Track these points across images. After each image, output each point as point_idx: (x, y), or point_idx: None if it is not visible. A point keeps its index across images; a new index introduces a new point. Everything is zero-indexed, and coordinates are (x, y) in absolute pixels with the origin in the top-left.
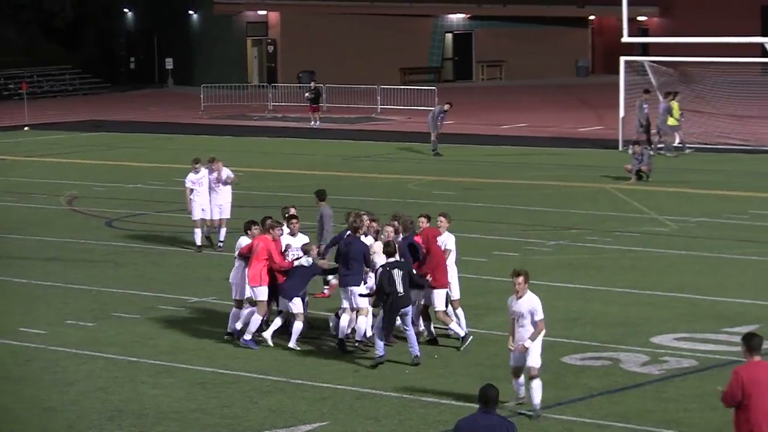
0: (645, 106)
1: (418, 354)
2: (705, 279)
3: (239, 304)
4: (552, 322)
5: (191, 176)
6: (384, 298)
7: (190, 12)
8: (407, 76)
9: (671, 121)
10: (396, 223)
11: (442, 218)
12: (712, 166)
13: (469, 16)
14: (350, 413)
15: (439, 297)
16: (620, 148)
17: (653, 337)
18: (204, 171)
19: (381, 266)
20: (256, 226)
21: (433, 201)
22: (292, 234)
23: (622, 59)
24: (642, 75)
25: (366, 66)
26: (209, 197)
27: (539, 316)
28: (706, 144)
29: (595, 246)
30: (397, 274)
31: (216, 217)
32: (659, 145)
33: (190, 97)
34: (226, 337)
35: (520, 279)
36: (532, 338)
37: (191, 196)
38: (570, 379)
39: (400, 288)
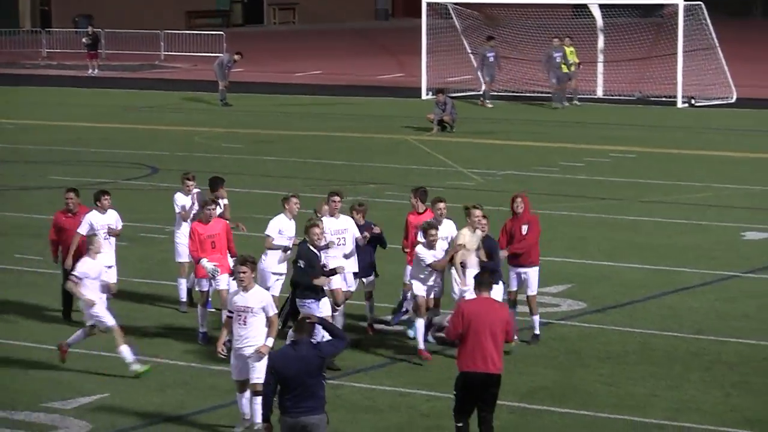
0: (490, 54)
1: None
2: None
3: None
4: None
5: None
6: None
7: None
8: (193, 20)
9: (564, 68)
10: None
11: (441, 204)
12: (521, 115)
13: None
14: (133, 384)
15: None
16: (423, 96)
17: None
18: None
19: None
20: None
21: (221, 155)
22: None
23: (424, 2)
24: (446, 19)
25: (148, 9)
26: None
27: (273, 310)
28: (514, 92)
29: (396, 202)
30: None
31: None
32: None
33: None
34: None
35: (245, 267)
36: (272, 335)
37: None
38: (370, 345)
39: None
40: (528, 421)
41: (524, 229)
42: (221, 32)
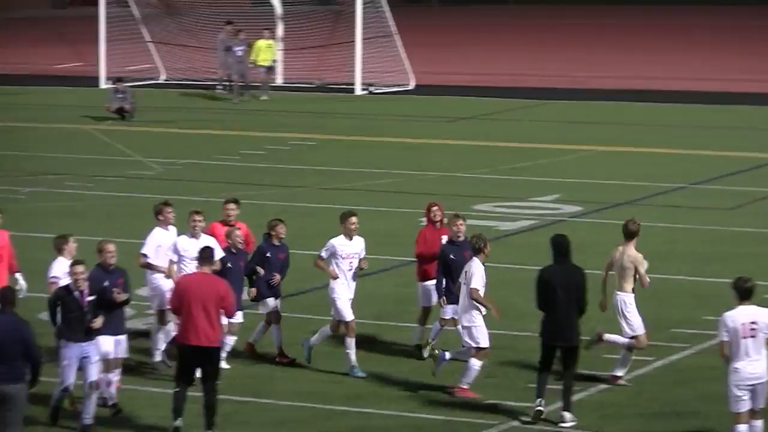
0: (237, 48)
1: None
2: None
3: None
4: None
5: None
6: None
7: None
8: None
9: (264, 61)
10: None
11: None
12: (200, 104)
13: None
14: None
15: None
16: (102, 86)
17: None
18: None
19: None
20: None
21: None
22: None
23: None
24: (124, 7)
25: None
26: None
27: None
28: (193, 80)
29: (76, 192)
30: None
31: None
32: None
33: None
34: None
35: None
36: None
37: None
38: None
39: None
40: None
41: (444, 240)
42: None
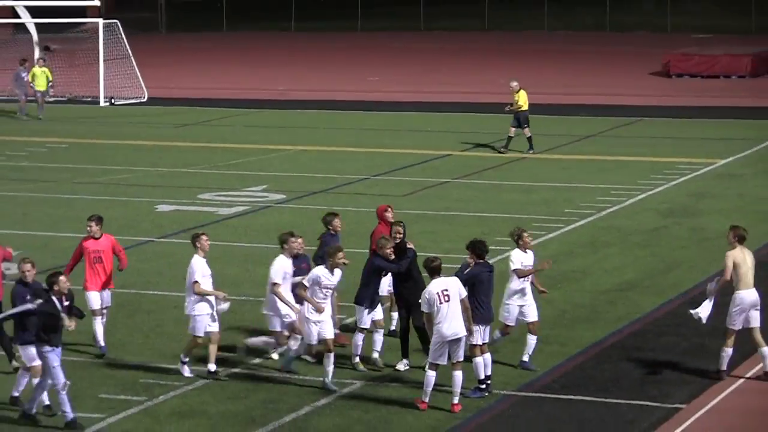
0: (24, 75)
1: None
2: None
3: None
4: None
5: None
6: None
7: None
8: None
9: (40, 86)
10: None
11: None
12: None
13: None
14: None
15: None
16: None
17: None
18: None
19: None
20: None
21: None
22: None
23: None
24: None
25: None
26: None
27: None
28: None
29: None
30: None
31: None
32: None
33: None
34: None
35: None
36: None
37: None
38: None
39: None
40: None
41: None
42: None
